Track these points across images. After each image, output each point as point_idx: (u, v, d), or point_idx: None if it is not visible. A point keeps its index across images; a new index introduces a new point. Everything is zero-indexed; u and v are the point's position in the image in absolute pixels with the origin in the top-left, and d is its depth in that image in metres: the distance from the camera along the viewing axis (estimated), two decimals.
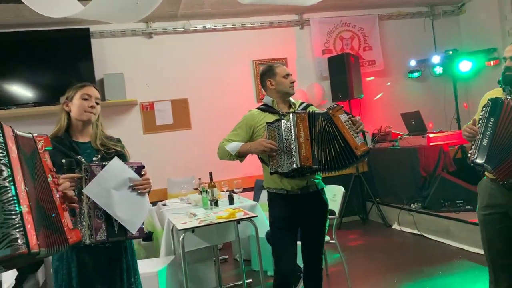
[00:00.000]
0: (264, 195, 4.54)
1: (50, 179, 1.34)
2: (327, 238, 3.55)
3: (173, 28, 5.32)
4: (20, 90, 4.79)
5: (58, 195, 1.35)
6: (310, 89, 5.58)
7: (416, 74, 6.01)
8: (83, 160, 2.02)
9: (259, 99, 5.54)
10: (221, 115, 5.34)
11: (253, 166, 5.12)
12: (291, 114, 2.46)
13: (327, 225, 3.33)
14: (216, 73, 5.45)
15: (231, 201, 3.68)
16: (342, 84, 5.41)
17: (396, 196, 5.19)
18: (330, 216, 3.36)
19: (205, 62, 5.43)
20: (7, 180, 1.06)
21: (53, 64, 4.85)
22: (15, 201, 1.06)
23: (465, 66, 5.74)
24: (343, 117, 2.45)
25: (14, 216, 1.04)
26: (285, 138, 2.45)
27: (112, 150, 2.15)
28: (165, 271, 3.05)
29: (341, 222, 5.38)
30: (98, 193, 1.87)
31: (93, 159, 2.07)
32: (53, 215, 1.28)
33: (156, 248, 4.06)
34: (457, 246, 4.17)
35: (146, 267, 3.00)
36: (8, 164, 1.08)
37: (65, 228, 1.30)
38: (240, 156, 2.65)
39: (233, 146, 2.62)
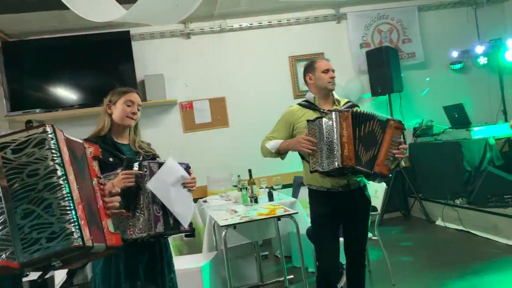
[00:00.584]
0: (303, 191, 4.53)
1: (95, 182, 1.40)
2: (369, 234, 3.52)
3: (210, 28, 5.39)
4: (65, 93, 4.99)
5: (101, 200, 1.40)
6: (348, 83, 5.51)
7: (458, 66, 5.81)
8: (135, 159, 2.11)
9: (296, 96, 5.53)
10: (258, 112, 5.37)
11: (291, 163, 5.13)
12: (333, 113, 2.42)
13: (370, 221, 3.29)
14: (252, 71, 5.48)
15: (270, 197, 3.70)
16: (381, 78, 5.31)
17: (439, 191, 5.06)
18: (372, 213, 3.32)
19: (242, 60, 5.47)
20: (61, 178, 1.12)
21: (96, 67, 5.03)
22: (70, 198, 1.11)
23: (511, 55, 5.50)
24: (396, 136, 2.40)
25: (69, 212, 1.09)
26: (326, 137, 2.41)
27: (150, 153, 2.27)
28: (208, 266, 3.11)
29: (382, 218, 5.29)
30: (159, 188, 2.00)
31: (136, 158, 2.15)
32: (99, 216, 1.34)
33: (198, 244, 4.14)
34: (505, 243, 4.02)
35: (189, 262, 3.07)
36: (61, 164, 1.13)
37: (105, 230, 1.35)
38: (280, 153, 2.66)
39: (273, 144, 2.64)
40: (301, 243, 3.14)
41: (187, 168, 2.18)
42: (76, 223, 1.10)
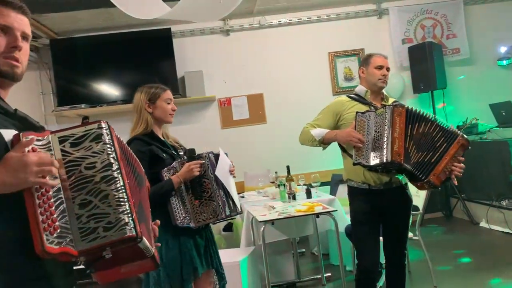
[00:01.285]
0: (341, 189, 4.49)
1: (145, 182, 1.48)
2: (410, 234, 3.44)
3: (249, 25, 5.41)
4: (109, 89, 5.14)
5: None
6: (390, 80, 5.34)
7: (506, 62, 5.58)
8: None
9: (335, 92, 5.47)
10: (296, 108, 5.35)
11: (330, 160, 5.11)
12: (387, 107, 2.38)
13: (410, 220, 3.22)
14: (291, 67, 5.46)
15: (308, 195, 3.68)
16: (424, 74, 5.17)
17: (484, 192, 4.88)
18: (413, 212, 3.25)
19: (280, 57, 5.46)
20: (116, 171, 1.16)
21: (138, 63, 5.15)
22: (124, 191, 1.16)
23: None
24: (459, 153, 2.35)
25: (123, 204, 1.14)
26: (375, 130, 2.37)
27: (182, 146, 2.41)
28: (246, 261, 3.14)
29: (423, 218, 5.17)
30: (223, 176, 2.24)
31: (180, 153, 2.29)
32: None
33: (235, 239, 4.18)
34: None
35: (228, 256, 3.10)
36: (116, 158, 1.18)
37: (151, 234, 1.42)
38: (324, 143, 2.59)
39: (318, 132, 2.56)
40: (340, 241, 3.11)
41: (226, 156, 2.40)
42: (130, 215, 1.14)
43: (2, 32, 1.20)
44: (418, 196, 3.46)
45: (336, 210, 3.14)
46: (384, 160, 2.33)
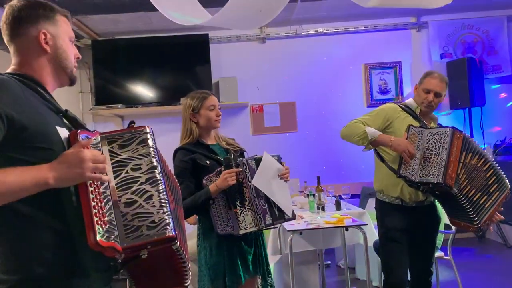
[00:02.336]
0: (371, 203, 4.42)
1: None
2: (441, 253, 3.36)
3: (286, 33, 5.42)
4: (144, 91, 5.25)
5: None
6: None
7: None
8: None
9: (369, 104, 5.41)
10: (328, 119, 5.33)
11: (360, 173, 5.05)
12: (449, 128, 2.35)
13: (441, 240, 3.15)
14: (325, 77, 5.44)
15: (338, 206, 3.64)
16: (462, 90, 5.05)
17: None
18: (446, 231, 3.18)
19: (315, 66, 5.45)
20: (160, 174, 1.22)
21: (174, 67, 5.24)
22: (166, 193, 1.21)
23: None
24: (504, 200, 2.41)
25: (165, 205, 1.19)
26: (426, 148, 2.33)
27: (237, 148, 2.34)
28: (272, 269, 3.12)
29: (454, 237, 5.02)
30: (263, 183, 2.17)
31: (228, 156, 2.28)
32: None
33: None
34: None
35: None
36: (159, 162, 1.24)
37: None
38: (373, 144, 2.50)
39: (372, 131, 2.46)
40: (368, 256, 3.06)
41: (279, 159, 2.31)
42: (171, 216, 1.19)
43: (71, 43, 1.34)
44: None
45: (366, 224, 3.10)
46: (435, 180, 2.27)
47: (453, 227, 3.36)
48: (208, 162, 2.20)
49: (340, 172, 5.17)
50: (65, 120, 1.25)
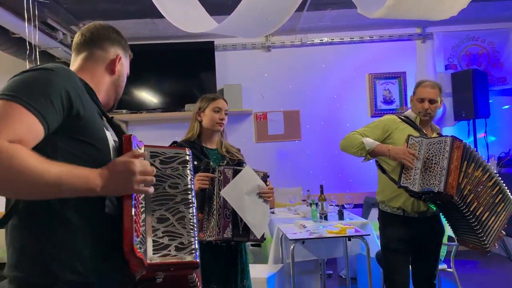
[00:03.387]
0: (373, 213, 4.40)
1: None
2: (444, 265, 3.34)
3: (291, 42, 5.44)
4: (149, 97, 5.27)
5: None
6: None
7: None
8: (211, 163, 2.19)
9: (373, 114, 5.41)
10: (332, 128, 5.33)
11: (363, 182, 5.04)
12: (449, 137, 2.34)
13: (445, 252, 3.13)
14: (329, 86, 5.45)
15: (340, 216, 3.64)
16: (467, 102, 5.04)
17: None
18: (449, 243, 3.16)
19: (319, 75, 5.46)
20: (193, 197, 1.22)
21: (179, 73, 5.26)
22: (195, 216, 1.21)
23: None
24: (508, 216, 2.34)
25: (194, 229, 1.18)
26: (427, 158, 2.32)
27: (235, 158, 2.31)
28: (273, 278, 3.12)
29: (457, 249, 4.99)
30: (233, 196, 2.05)
31: (220, 164, 2.23)
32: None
33: (263, 254, 4.16)
34: None
35: (256, 272, 3.08)
36: (192, 186, 1.24)
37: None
38: (372, 155, 2.49)
39: (370, 142, 2.46)
40: (370, 266, 3.05)
41: (264, 177, 2.21)
42: (197, 242, 1.18)
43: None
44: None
45: (369, 234, 3.09)
46: (436, 190, 2.26)
47: (455, 239, 3.34)
48: (196, 163, 2.16)
49: (343, 182, 5.16)
50: (109, 126, 1.25)
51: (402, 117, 2.61)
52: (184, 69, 5.25)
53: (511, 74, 5.38)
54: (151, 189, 1.12)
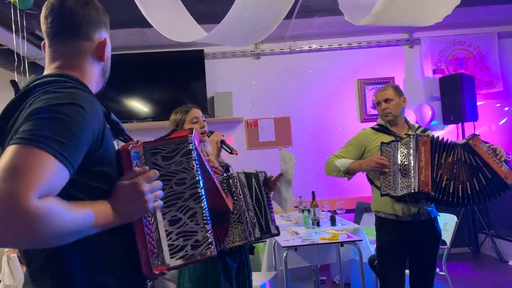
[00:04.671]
0: (366, 218, 4.42)
1: (210, 168, 1.42)
2: (436, 269, 3.35)
3: (280, 49, 5.48)
4: (139, 106, 5.26)
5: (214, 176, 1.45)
6: (419, 109, 5.35)
7: None
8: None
9: (363, 119, 5.45)
10: (323, 134, 5.36)
11: (355, 188, 5.05)
12: (412, 137, 2.39)
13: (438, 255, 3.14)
14: (319, 92, 5.48)
15: (333, 222, 3.65)
16: (455, 106, 5.11)
17: None
18: (441, 246, 3.18)
19: (309, 81, 5.49)
20: (202, 189, 1.16)
21: (169, 82, 5.26)
22: (207, 209, 1.16)
23: None
24: (483, 146, 2.33)
25: (208, 222, 1.15)
26: (400, 160, 2.38)
27: (223, 163, 2.41)
28: (265, 286, 3.11)
29: (449, 252, 5.02)
30: (287, 169, 2.34)
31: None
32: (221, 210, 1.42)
33: (256, 262, 4.15)
34: None
35: None
36: (200, 175, 1.18)
37: (226, 202, 1.44)
38: (349, 173, 2.62)
39: (343, 162, 2.61)
40: (363, 272, 3.05)
41: (265, 176, 2.36)
42: (212, 234, 1.15)
43: None
44: (446, 230, 3.38)
45: (361, 240, 3.10)
46: (412, 190, 2.31)
47: (447, 242, 3.37)
48: None
49: (335, 187, 5.18)
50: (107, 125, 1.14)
51: (375, 127, 2.68)
52: (174, 77, 5.26)
53: (497, 77, 5.46)
54: (161, 202, 1.09)
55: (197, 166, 1.17)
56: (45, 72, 1.15)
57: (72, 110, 0.97)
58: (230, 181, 2.17)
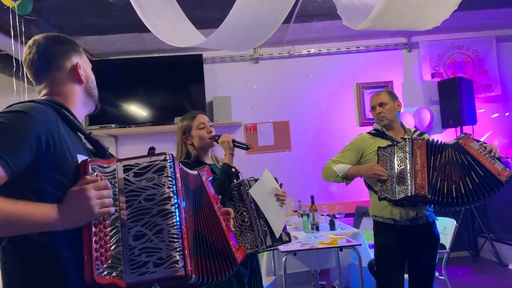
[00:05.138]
0: (365, 222, 4.42)
1: (216, 206, 1.44)
2: (436, 273, 3.34)
3: (279, 53, 5.49)
4: (138, 111, 5.26)
5: (223, 220, 1.44)
6: (418, 113, 5.35)
7: None
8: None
9: (361, 123, 5.45)
10: (322, 138, 5.36)
11: (354, 192, 5.05)
12: (408, 140, 2.40)
13: (437, 259, 3.14)
14: (318, 96, 5.49)
15: (332, 226, 3.64)
16: (453, 109, 5.11)
17: None
18: (440, 251, 3.17)
19: (308, 85, 5.50)
20: (174, 206, 1.16)
21: (168, 86, 5.26)
22: (179, 227, 1.15)
23: None
24: (475, 145, 2.33)
25: (176, 240, 1.13)
26: (397, 164, 2.38)
27: (234, 168, 2.33)
28: None
29: (449, 256, 5.01)
30: (259, 196, 2.11)
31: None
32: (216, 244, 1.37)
33: None
34: None
35: None
36: (175, 192, 1.18)
37: (233, 250, 1.38)
38: (347, 178, 2.63)
39: (341, 168, 2.61)
40: (363, 276, 3.05)
41: (276, 181, 2.30)
42: (181, 252, 1.13)
43: None
44: (445, 234, 3.38)
45: (361, 244, 3.09)
46: (409, 194, 2.31)
47: (447, 246, 3.36)
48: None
49: (334, 191, 5.18)
50: (87, 144, 1.25)
51: (372, 132, 2.70)
52: (173, 82, 5.26)
53: (496, 81, 5.46)
54: (112, 208, 1.11)
55: (171, 183, 1.17)
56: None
57: (14, 116, 1.09)
58: (241, 188, 2.16)
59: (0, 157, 1.03)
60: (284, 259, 2.99)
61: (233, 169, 2.15)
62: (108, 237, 1.09)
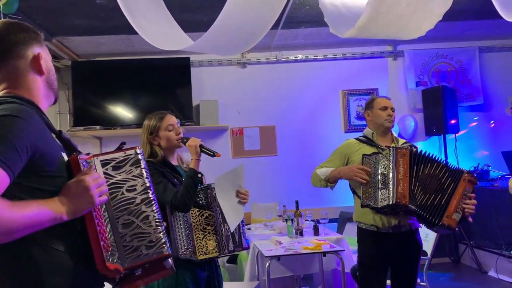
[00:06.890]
0: (349, 227, 4.45)
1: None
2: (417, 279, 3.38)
3: (266, 59, 5.51)
4: (124, 112, 5.22)
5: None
6: (402, 121, 5.42)
7: None
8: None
9: (347, 129, 5.50)
10: (307, 143, 5.39)
11: (338, 197, 5.07)
12: (391, 149, 2.42)
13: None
14: (304, 102, 5.52)
15: (316, 231, 3.66)
16: (437, 117, 5.19)
17: (493, 240, 4.80)
18: (422, 257, 3.21)
19: (294, 91, 5.53)
20: (152, 194, 1.28)
21: (155, 89, 5.23)
22: (159, 212, 1.27)
23: None
24: (468, 190, 2.36)
25: (159, 224, 1.25)
26: (381, 172, 2.40)
27: (202, 172, 2.34)
28: None
29: (430, 263, 5.07)
30: (222, 187, 2.14)
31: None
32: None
33: (239, 272, 4.13)
34: None
35: None
36: (150, 182, 1.30)
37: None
38: (330, 181, 2.63)
39: (324, 171, 2.64)
40: (345, 282, 3.07)
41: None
42: (165, 234, 1.25)
43: None
44: (427, 241, 3.42)
45: (344, 250, 3.11)
46: (390, 202, 2.34)
47: (428, 253, 3.40)
48: (175, 180, 2.15)
49: (319, 196, 5.20)
50: (58, 142, 1.28)
51: (360, 138, 2.71)
52: (159, 84, 5.23)
53: (478, 90, 5.57)
54: (106, 197, 1.19)
55: (147, 174, 1.28)
56: None
57: (10, 121, 1.11)
58: (208, 191, 2.14)
59: (3, 163, 1.05)
60: (268, 264, 3.00)
61: (199, 175, 2.12)
62: (104, 227, 1.17)
